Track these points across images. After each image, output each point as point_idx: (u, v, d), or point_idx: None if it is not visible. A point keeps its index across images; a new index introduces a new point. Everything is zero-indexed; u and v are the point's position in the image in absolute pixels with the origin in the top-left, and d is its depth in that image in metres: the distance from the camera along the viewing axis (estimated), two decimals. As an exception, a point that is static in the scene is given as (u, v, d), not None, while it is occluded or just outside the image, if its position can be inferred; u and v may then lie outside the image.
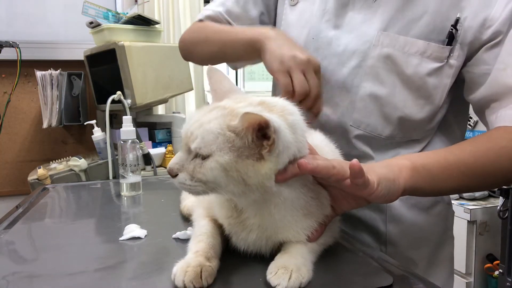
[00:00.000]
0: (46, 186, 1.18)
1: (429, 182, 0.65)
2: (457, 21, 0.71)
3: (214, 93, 0.61)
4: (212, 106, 0.55)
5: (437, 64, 0.73)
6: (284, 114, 0.53)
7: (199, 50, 0.92)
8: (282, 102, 0.56)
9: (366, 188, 0.54)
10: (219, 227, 0.61)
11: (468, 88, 0.76)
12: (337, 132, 0.80)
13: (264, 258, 0.58)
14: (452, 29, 0.71)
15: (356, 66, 0.77)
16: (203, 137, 0.51)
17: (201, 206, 0.66)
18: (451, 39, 0.72)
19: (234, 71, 2.91)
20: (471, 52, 0.74)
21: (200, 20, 0.95)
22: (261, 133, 0.50)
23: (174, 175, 0.53)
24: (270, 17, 0.94)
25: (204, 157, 0.51)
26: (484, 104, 0.74)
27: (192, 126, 0.52)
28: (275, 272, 0.51)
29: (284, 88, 0.70)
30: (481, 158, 0.67)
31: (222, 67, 1.01)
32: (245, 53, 0.80)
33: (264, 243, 0.58)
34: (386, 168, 0.61)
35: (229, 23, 0.91)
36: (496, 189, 1.73)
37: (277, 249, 0.58)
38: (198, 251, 0.55)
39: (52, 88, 2.01)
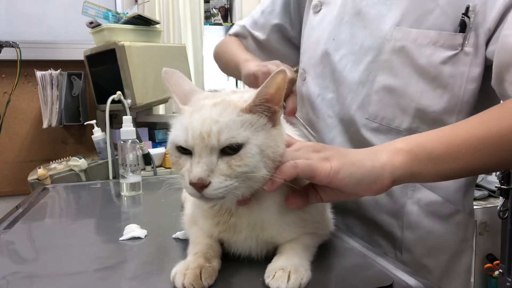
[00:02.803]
0: (46, 186, 1.18)
1: (431, 166, 0.56)
2: (467, 9, 0.70)
3: (175, 95, 0.58)
4: (199, 106, 0.54)
5: (451, 52, 0.73)
6: None
7: (218, 62, 1.12)
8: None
9: (314, 178, 0.52)
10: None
11: (489, 71, 0.72)
12: (346, 126, 0.82)
13: (265, 259, 0.58)
14: (463, 17, 0.71)
15: (371, 61, 0.78)
16: (230, 127, 0.50)
17: (186, 221, 0.66)
18: (463, 27, 0.71)
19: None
20: (488, 36, 0.71)
21: (230, 35, 1.11)
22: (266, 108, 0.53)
23: (207, 184, 0.49)
24: (293, 27, 1.03)
25: (236, 149, 0.50)
26: (500, 80, 0.67)
27: (204, 127, 0.50)
28: (273, 275, 0.50)
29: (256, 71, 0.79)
30: (495, 127, 0.57)
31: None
32: (238, 73, 0.92)
33: (254, 243, 0.57)
34: (366, 154, 0.56)
35: (251, 35, 1.06)
36: (496, 189, 1.72)
37: (273, 254, 0.57)
38: (197, 252, 0.55)
39: (52, 88, 2.01)
